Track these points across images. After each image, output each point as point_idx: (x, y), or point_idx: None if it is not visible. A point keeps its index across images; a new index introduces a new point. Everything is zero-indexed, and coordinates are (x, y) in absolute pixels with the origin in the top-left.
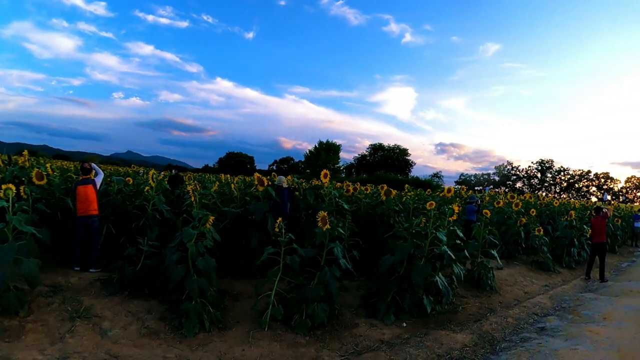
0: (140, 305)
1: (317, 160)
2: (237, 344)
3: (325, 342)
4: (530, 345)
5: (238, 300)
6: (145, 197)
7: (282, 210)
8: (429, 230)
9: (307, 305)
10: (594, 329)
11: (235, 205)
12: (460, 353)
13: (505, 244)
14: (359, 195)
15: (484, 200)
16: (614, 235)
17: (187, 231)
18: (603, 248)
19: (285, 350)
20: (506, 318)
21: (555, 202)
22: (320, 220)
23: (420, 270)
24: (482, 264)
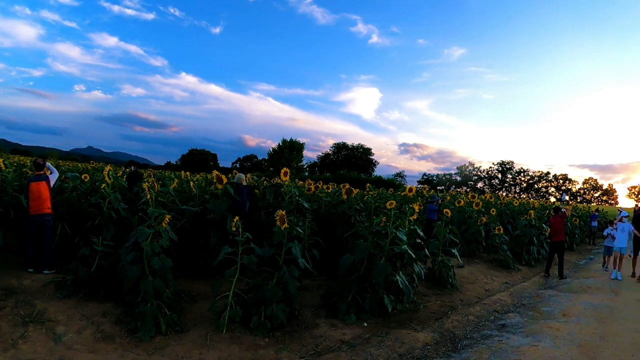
0: (95, 308)
1: (280, 159)
2: (194, 347)
3: (285, 343)
4: (491, 342)
5: (196, 301)
6: (102, 194)
7: (240, 209)
8: (389, 230)
9: (265, 306)
10: (554, 325)
11: (194, 204)
12: (422, 352)
13: (466, 243)
14: (320, 194)
15: (444, 200)
16: (573, 234)
17: (142, 230)
18: (562, 246)
19: (244, 352)
20: (467, 316)
21: (515, 202)
22: (278, 219)
23: (380, 270)
24: (443, 263)
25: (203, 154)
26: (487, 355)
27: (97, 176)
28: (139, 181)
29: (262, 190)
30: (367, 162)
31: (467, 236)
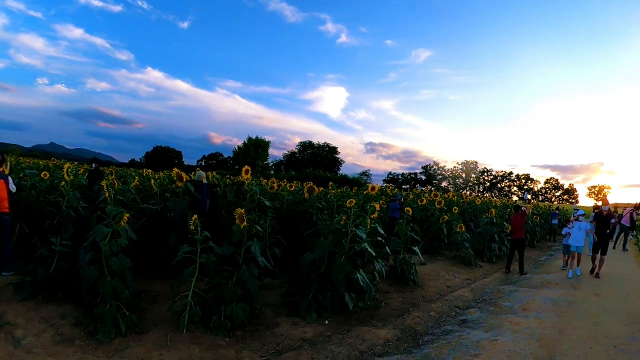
0: (54, 310)
1: (245, 157)
2: (154, 348)
3: (245, 342)
4: (452, 338)
5: (156, 302)
6: (61, 193)
7: (201, 207)
8: (349, 228)
9: (225, 305)
10: (514, 320)
11: (155, 202)
12: (383, 348)
13: (428, 240)
14: (282, 192)
15: (407, 198)
16: (533, 232)
17: (100, 229)
18: (522, 243)
19: (205, 353)
20: (429, 312)
21: (478, 201)
22: (237, 217)
23: (340, 268)
24: (405, 260)
25: (168, 152)
26: (447, 351)
27: (57, 174)
28: (100, 179)
29: (223, 188)
30: (332, 160)
31: (430, 234)
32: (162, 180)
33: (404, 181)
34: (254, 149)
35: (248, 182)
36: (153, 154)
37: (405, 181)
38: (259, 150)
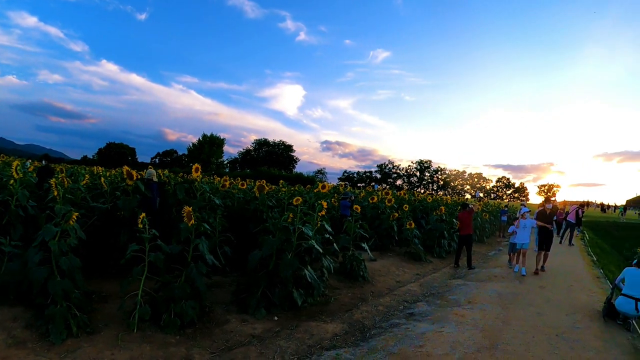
0: (5, 313)
1: (200, 154)
2: (106, 347)
3: (196, 340)
4: (398, 330)
5: (107, 302)
6: (10, 191)
7: (151, 206)
8: (297, 225)
9: (175, 303)
10: (460, 312)
11: (105, 201)
12: (331, 342)
13: (379, 237)
14: (232, 190)
15: (359, 196)
16: (483, 228)
17: (49, 229)
18: (470, 239)
19: (156, 351)
20: (377, 306)
21: (429, 199)
22: (185, 215)
23: (288, 264)
24: (354, 257)
25: (121, 148)
26: (393, 343)
27: (6, 171)
28: (50, 177)
29: (173, 186)
30: (288, 158)
31: (381, 231)
32: (114, 178)
33: (359, 179)
34: (209, 147)
35: (198, 181)
36: (106, 150)
37: (361, 179)
38: (213, 148)
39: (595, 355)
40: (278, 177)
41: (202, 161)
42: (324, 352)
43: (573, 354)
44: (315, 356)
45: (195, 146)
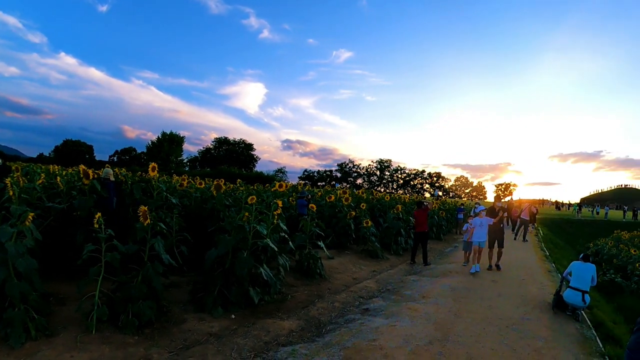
0: None
1: (159, 152)
2: (65, 350)
3: (154, 339)
4: (353, 326)
5: (65, 304)
6: None
7: (107, 206)
8: (252, 224)
9: (132, 303)
10: (414, 307)
11: (62, 200)
12: (287, 338)
13: (337, 236)
14: (190, 189)
15: (316, 195)
16: (440, 225)
17: (5, 230)
18: (425, 236)
19: (115, 352)
20: (333, 303)
21: (387, 197)
22: (141, 214)
23: (243, 263)
24: (310, 255)
25: (79, 146)
26: (348, 337)
27: None
28: (5, 176)
29: (130, 186)
30: (248, 157)
31: (338, 229)
32: (70, 178)
33: (320, 178)
34: (168, 145)
35: (155, 180)
36: (63, 148)
37: (321, 178)
38: (173, 146)
39: (544, 344)
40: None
41: (162, 160)
42: (281, 348)
43: (522, 344)
44: (272, 352)
45: (154, 144)
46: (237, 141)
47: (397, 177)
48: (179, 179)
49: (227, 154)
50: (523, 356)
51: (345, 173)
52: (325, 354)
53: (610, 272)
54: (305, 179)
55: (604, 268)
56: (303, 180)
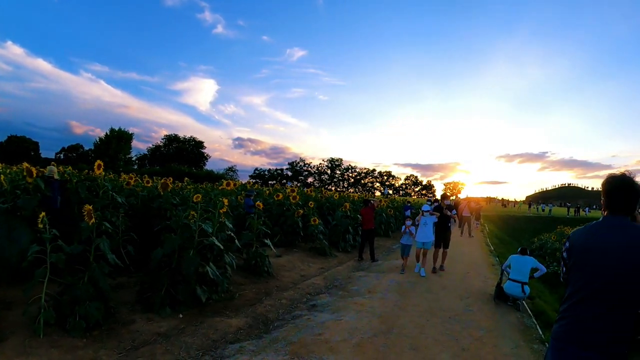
0: None
1: (107, 150)
2: (14, 355)
3: (103, 341)
4: (300, 321)
5: (11, 308)
6: None
7: (52, 205)
8: (198, 223)
9: (79, 305)
10: (360, 301)
11: (6, 200)
12: (235, 336)
13: (285, 234)
14: (137, 188)
15: (264, 194)
16: (388, 223)
17: None
18: (372, 233)
19: (64, 355)
20: (281, 300)
21: (335, 196)
22: (86, 214)
23: (190, 262)
24: (258, 253)
25: (23, 142)
26: (295, 333)
27: None
28: None
29: (75, 184)
30: (198, 155)
31: (286, 227)
32: (15, 176)
33: (271, 177)
34: (117, 142)
35: (101, 178)
36: (7, 144)
37: (272, 177)
38: (121, 143)
39: (486, 333)
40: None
41: (110, 157)
42: (229, 345)
43: (465, 333)
44: (220, 350)
45: (102, 141)
46: (187, 139)
47: (348, 175)
48: (126, 177)
49: (177, 151)
50: (465, 345)
51: (296, 172)
52: (272, 350)
53: (554, 264)
54: (256, 178)
55: (547, 261)
56: (254, 179)
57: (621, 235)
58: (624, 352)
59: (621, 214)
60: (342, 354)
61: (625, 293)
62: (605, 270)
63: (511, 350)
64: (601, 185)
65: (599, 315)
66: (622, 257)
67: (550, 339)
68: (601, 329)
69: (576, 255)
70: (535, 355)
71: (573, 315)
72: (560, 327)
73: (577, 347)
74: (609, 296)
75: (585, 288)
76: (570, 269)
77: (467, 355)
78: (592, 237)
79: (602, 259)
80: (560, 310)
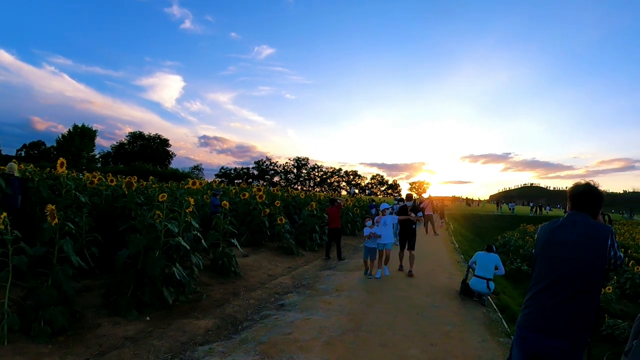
0: None
1: (70, 147)
2: None
3: (69, 347)
4: (269, 321)
5: None
6: None
7: (12, 204)
8: (163, 223)
9: (43, 310)
10: (328, 300)
11: None
12: (204, 337)
13: (251, 233)
14: (101, 187)
15: (230, 193)
16: (354, 222)
17: None
18: (339, 232)
19: None
20: (249, 300)
21: (302, 195)
22: (48, 214)
23: (155, 262)
24: (225, 253)
25: None
26: (264, 332)
27: None
28: None
29: (37, 183)
30: (163, 153)
31: (253, 227)
32: None
33: (237, 176)
34: (80, 139)
35: (64, 177)
36: None
37: (238, 176)
38: (85, 140)
39: (452, 328)
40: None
41: (73, 155)
42: (198, 347)
43: (432, 329)
44: (189, 352)
45: (65, 138)
46: (152, 136)
47: (314, 175)
48: (89, 176)
49: (142, 149)
50: (433, 340)
51: (263, 171)
52: (242, 351)
53: (517, 261)
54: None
55: (511, 258)
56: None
57: (580, 230)
58: (587, 340)
59: (583, 212)
60: (312, 353)
61: (583, 282)
62: (565, 261)
63: (478, 344)
64: (567, 192)
65: (560, 303)
66: (580, 249)
67: (515, 329)
68: (564, 317)
69: (541, 247)
70: (502, 348)
71: (537, 304)
72: (525, 317)
73: (541, 335)
74: (568, 285)
75: (548, 277)
76: (535, 260)
77: (435, 350)
78: (555, 231)
79: (563, 251)
80: (525, 300)
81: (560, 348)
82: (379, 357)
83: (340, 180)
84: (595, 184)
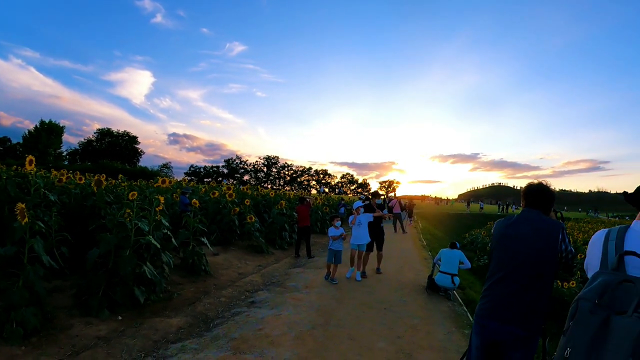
0: None
1: (37, 144)
2: None
3: (42, 348)
4: (240, 318)
5: None
6: None
7: None
8: (133, 221)
9: (15, 311)
10: (297, 297)
11: None
12: (176, 335)
13: (221, 232)
14: (69, 185)
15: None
16: (324, 220)
17: None
18: (308, 230)
19: None
20: (220, 298)
21: (272, 194)
22: (18, 213)
23: (126, 262)
24: (195, 251)
25: None
26: (235, 329)
27: None
28: None
29: (4, 181)
30: (132, 151)
31: (223, 225)
32: None
33: (206, 174)
34: (47, 135)
35: (33, 175)
36: None
37: (208, 174)
38: (52, 137)
39: (419, 321)
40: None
41: (39, 152)
42: (170, 345)
43: (399, 322)
44: (162, 350)
45: (31, 134)
46: (120, 133)
47: (284, 174)
48: (57, 174)
49: (110, 146)
50: (400, 333)
51: (233, 169)
52: (214, 347)
53: (484, 258)
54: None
55: (478, 254)
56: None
57: (532, 225)
58: (540, 325)
59: (536, 209)
60: (282, 347)
61: (535, 274)
62: (518, 254)
63: (444, 336)
64: (522, 191)
65: (514, 293)
66: (530, 243)
67: (474, 317)
68: (518, 305)
69: (496, 241)
70: (466, 339)
71: (493, 294)
72: (483, 306)
73: (498, 322)
74: (521, 276)
75: (503, 269)
76: (492, 253)
77: (402, 342)
78: (510, 226)
79: (516, 245)
80: (482, 290)
81: (515, 334)
82: (347, 350)
83: (310, 179)
84: (548, 183)
